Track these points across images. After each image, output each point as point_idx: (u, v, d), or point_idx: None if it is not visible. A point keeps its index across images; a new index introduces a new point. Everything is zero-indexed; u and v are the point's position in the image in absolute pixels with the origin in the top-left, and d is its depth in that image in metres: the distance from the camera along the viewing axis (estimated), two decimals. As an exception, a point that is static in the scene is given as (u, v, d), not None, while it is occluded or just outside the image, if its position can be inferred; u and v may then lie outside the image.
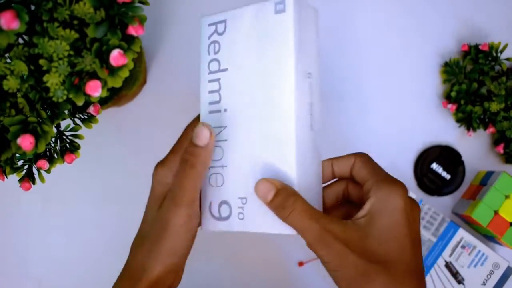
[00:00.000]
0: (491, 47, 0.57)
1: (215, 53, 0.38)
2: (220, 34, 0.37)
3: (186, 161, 0.34)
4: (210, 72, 0.38)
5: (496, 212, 0.54)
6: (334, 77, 0.61)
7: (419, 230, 0.34)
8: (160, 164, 0.38)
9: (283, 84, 0.34)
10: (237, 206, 0.36)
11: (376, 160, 0.37)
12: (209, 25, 0.38)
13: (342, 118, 0.60)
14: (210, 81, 0.38)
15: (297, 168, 0.34)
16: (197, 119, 0.39)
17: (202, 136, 0.34)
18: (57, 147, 0.40)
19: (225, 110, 0.37)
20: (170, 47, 0.61)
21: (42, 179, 0.39)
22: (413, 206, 0.33)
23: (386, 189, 0.33)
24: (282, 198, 0.32)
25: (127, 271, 0.38)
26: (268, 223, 0.34)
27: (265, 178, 0.34)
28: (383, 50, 0.61)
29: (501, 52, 0.57)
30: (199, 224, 0.38)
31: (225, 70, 0.37)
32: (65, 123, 0.41)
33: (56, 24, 0.32)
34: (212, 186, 0.37)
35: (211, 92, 0.38)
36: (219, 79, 0.37)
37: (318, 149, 0.37)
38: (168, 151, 0.39)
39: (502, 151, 0.58)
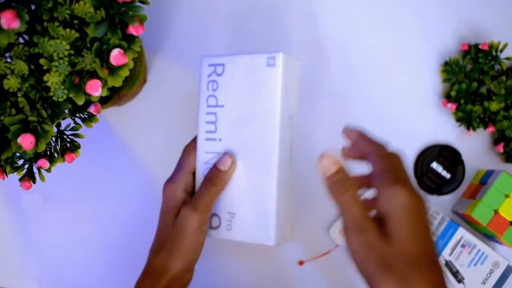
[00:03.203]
0: (491, 46, 0.57)
1: (213, 90, 0.44)
2: (218, 75, 0.44)
3: (209, 179, 0.43)
4: (208, 106, 0.45)
5: (496, 211, 0.54)
6: (335, 77, 0.61)
7: (427, 221, 0.36)
8: (169, 181, 0.45)
9: (270, 127, 0.41)
10: (226, 219, 0.44)
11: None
12: (209, 65, 0.44)
13: (342, 117, 0.60)
14: (208, 113, 0.44)
15: (277, 194, 0.42)
16: (194, 141, 0.46)
17: (225, 163, 0.42)
18: (57, 146, 0.40)
19: (220, 139, 0.44)
20: (170, 46, 0.61)
21: (42, 178, 0.39)
22: (415, 201, 0.36)
23: (389, 190, 0.35)
24: (341, 176, 0.37)
25: (149, 271, 0.43)
26: (251, 235, 0.43)
27: (329, 154, 0.37)
28: (383, 49, 0.61)
29: (501, 51, 0.57)
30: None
31: (222, 106, 0.44)
32: (66, 122, 0.41)
33: (56, 23, 0.33)
34: None
35: (208, 122, 0.44)
36: (216, 113, 0.44)
37: (292, 177, 0.45)
38: (174, 169, 0.45)
39: (502, 150, 0.58)
